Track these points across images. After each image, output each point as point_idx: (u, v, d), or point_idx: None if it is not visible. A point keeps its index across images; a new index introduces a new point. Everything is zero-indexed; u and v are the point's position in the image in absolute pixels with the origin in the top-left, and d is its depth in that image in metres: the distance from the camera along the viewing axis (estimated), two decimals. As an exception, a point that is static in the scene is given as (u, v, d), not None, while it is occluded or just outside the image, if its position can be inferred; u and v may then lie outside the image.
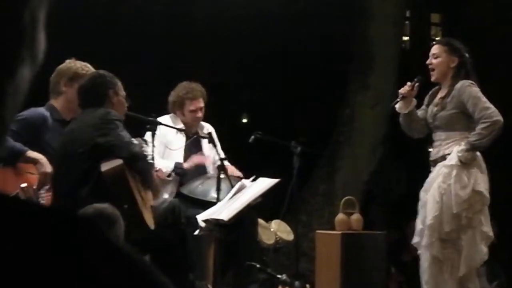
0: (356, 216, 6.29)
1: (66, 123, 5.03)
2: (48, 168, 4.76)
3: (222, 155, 5.83)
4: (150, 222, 4.82)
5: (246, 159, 6.58)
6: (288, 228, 7.08)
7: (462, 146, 5.22)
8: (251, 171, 6.04)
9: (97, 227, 0.68)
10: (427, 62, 5.47)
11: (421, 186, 5.46)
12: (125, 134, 4.70)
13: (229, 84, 10.80)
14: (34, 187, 4.74)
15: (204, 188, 5.95)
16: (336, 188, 9.17)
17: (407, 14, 12.31)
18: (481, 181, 5.24)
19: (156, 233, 4.88)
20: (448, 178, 5.22)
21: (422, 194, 5.44)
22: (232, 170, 6.10)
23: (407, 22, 12.97)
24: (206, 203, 5.64)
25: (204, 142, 6.22)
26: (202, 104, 6.28)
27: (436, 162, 5.37)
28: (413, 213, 5.61)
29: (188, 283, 5.29)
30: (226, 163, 5.87)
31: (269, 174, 5.63)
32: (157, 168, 5.63)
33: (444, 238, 5.21)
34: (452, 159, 5.24)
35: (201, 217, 5.16)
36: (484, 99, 5.26)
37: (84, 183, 4.61)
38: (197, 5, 10.24)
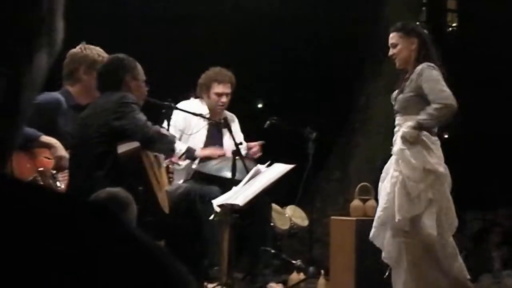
0: (371, 202, 6.28)
1: (81, 108, 5.03)
2: (62, 152, 4.77)
3: (238, 140, 5.84)
4: (165, 206, 4.83)
5: (261, 145, 6.57)
6: (303, 214, 7.09)
7: (408, 123, 5.10)
8: (266, 157, 6.05)
9: (110, 213, 0.68)
10: (389, 54, 5.35)
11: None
12: (140, 117, 4.70)
13: (244, 70, 10.78)
14: (51, 171, 4.76)
15: (218, 166, 5.97)
16: (351, 175, 9.16)
17: (423, 0, 12.25)
18: (429, 159, 5.10)
19: (171, 218, 4.90)
20: (397, 165, 5.12)
21: (380, 184, 5.36)
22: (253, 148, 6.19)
23: (423, 8, 12.89)
24: (220, 180, 5.67)
25: (225, 132, 6.21)
26: (228, 90, 6.30)
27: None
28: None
29: (202, 269, 5.31)
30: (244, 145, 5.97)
31: (284, 159, 5.63)
32: None
33: (396, 228, 5.08)
34: (397, 144, 5.14)
35: (216, 202, 5.17)
36: (442, 82, 5.12)
37: (100, 167, 4.63)
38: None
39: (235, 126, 6.40)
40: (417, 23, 5.49)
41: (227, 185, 5.53)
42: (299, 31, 11.24)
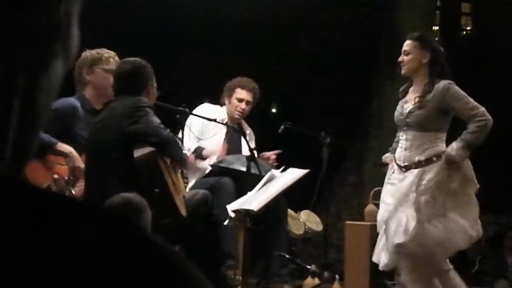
0: (385, 207, 6.25)
1: (96, 112, 5.06)
2: (77, 162, 4.79)
3: (252, 146, 5.86)
4: (182, 209, 4.83)
5: (276, 149, 6.58)
6: (317, 219, 7.08)
7: (454, 145, 5.06)
8: (280, 162, 6.05)
9: (123, 218, 0.68)
10: (399, 59, 5.33)
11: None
12: (154, 119, 4.71)
13: (258, 75, 10.78)
14: (66, 178, 4.77)
15: (232, 160, 6.00)
16: (365, 179, 9.14)
17: (438, 3, 12.23)
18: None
19: (188, 224, 4.90)
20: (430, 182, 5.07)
21: (389, 198, 5.27)
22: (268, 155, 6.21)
23: (437, 11, 12.87)
24: (234, 172, 5.72)
25: (243, 139, 6.24)
26: (250, 98, 6.34)
27: (408, 168, 5.18)
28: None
29: (220, 276, 5.31)
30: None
31: (299, 164, 5.62)
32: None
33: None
34: (435, 165, 5.09)
35: (231, 207, 5.17)
36: (471, 99, 5.11)
37: (115, 172, 4.64)
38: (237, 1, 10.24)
39: (251, 139, 6.44)
40: (436, 38, 5.43)
41: (240, 178, 5.59)
42: (313, 35, 11.25)
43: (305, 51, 11.40)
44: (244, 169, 5.62)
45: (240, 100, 6.31)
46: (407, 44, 5.34)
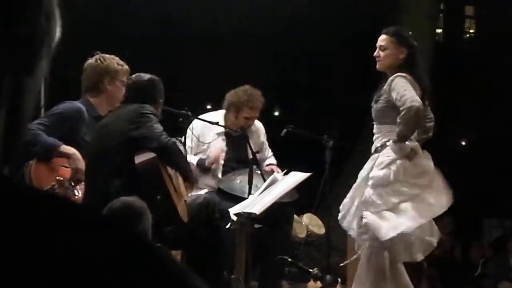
0: (387, 210, 6.24)
1: (101, 118, 5.07)
2: (80, 163, 4.80)
3: (266, 150, 5.86)
4: (184, 215, 4.83)
5: (278, 153, 6.57)
6: (320, 222, 7.08)
7: (391, 141, 5.08)
8: (283, 165, 6.05)
9: (122, 224, 0.68)
10: (375, 54, 5.27)
11: (453, 180, 5.33)
12: (158, 126, 4.73)
13: (260, 78, 10.79)
14: (69, 180, 4.78)
15: (242, 184, 5.96)
16: (368, 182, 9.13)
17: (441, 6, 12.23)
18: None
19: (190, 229, 4.90)
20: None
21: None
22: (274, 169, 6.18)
23: (441, 14, 12.87)
24: (243, 199, 5.67)
25: (251, 141, 6.21)
26: (257, 114, 6.30)
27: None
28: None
29: (222, 281, 5.30)
30: (272, 160, 5.98)
31: (301, 167, 5.62)
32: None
33: None
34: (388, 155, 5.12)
35: (233, 211, 5.16)
36: (405, 87, 5.01)
37: (117, 176, 4.65)
38: (237, 5, 10.25)
39: (262, 136, 6.39)
40: (410, 32, 5.40)
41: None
42: (316, 37, 11.25)
43: (308, 54, 11.41)
44: (246, 195, 5.58)
45: (248, 119, 6.27)
46: (383, 39, 5.27)
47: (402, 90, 5.01)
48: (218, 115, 6.28)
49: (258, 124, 6.44)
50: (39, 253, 0.63)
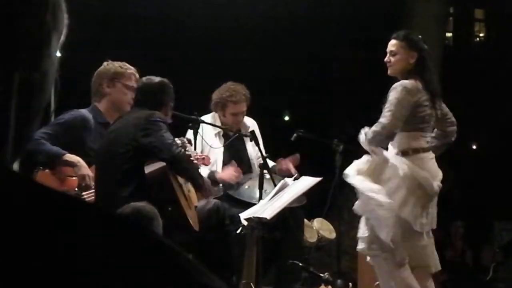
0: (398, 215, 6.23)
1: (109, 125, 5.07)
2: (86, 170, 4.80)
3: (264, 153, 5.82)
4: (195, 224, 4.83)
5: (289, 157, 6.57)
6: (330, 226, 7.06)
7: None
8: (297, 169, 6.05)
9: (135, 224, 0.68)
10: (385, 60, 5.25)
11: (465, 183, 5.34)
12: (168, 135, 4.72)
13: (271, 83, 10.80)
14: (76, 189, 4.79)
15: (251, 190, 5.96)
16: (378, 186, 9.11)
17: (451, 10, 12.21)
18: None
19: (200, 234, 4.90)
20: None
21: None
22: (288, 165, 6.18)
23: (450, 18, 12.85)
24: (252, 205, 5.65)
25: (247, 140, 6.23)
26: (244, 108, 6.26)
27: None
28: (457, 212, 5.55)
29: (232, 285, 5.30)
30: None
31: (311, 172, 5.61)
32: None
33: None
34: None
35: (243, 216, 5.16)
36: (395, 104, 5.02)
37: (126, 183, 4.64)
38: (241, 6, 10.25)
39: (258, 134, 6.36)
40: (419, 36, 5.38)
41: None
42: (325, 42, 11.25)
43: (317, 58, 11.41)
44: (254, 201, 5.57)
45: (236, 114, 6.25)
46: (393, 44, 5.25)
47: (391, 106, 5.02)
48: (209, 118, 6.25)
49: (250, 121, 6.43)
50: (51, 251, 0.63)
